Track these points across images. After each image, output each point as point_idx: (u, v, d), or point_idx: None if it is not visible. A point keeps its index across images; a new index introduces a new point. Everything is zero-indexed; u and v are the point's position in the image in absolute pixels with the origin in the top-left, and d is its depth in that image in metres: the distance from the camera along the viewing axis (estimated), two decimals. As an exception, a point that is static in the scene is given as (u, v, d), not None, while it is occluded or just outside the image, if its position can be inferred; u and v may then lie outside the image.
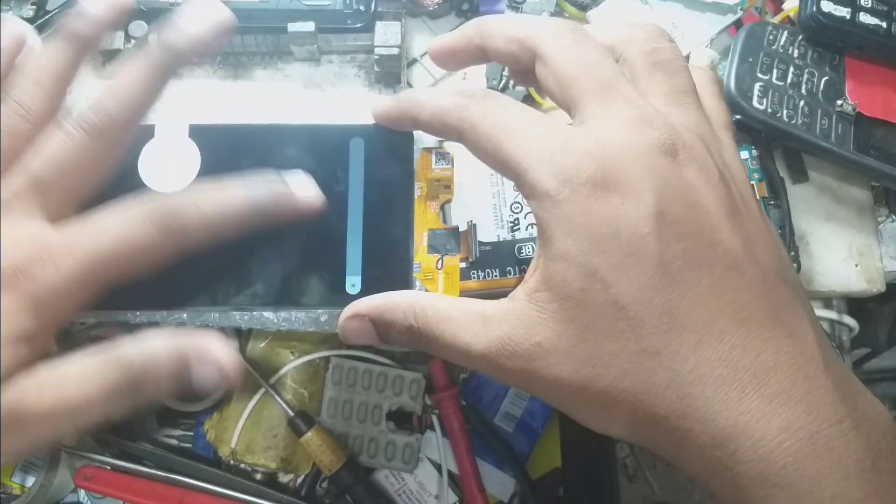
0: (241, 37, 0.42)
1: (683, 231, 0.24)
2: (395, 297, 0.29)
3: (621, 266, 0.24)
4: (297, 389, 0.45)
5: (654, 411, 0.24)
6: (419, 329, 0.28)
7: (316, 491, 0.47)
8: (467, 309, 0.27)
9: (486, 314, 0.27)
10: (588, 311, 0.24)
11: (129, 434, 0.48)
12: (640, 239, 0.24)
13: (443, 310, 0.28)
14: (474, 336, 0.26)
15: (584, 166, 0.24)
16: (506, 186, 0.38)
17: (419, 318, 0.28)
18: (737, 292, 0.24)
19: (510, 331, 0.26)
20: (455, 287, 0.34)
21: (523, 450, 0.47)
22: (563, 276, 0.25)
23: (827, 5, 0.40)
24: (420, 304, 0.28)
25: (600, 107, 0.26)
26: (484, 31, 0.30)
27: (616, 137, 0.25)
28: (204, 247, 0.28)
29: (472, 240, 0.36)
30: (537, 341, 0.25)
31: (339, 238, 0.34)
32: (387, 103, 0.32)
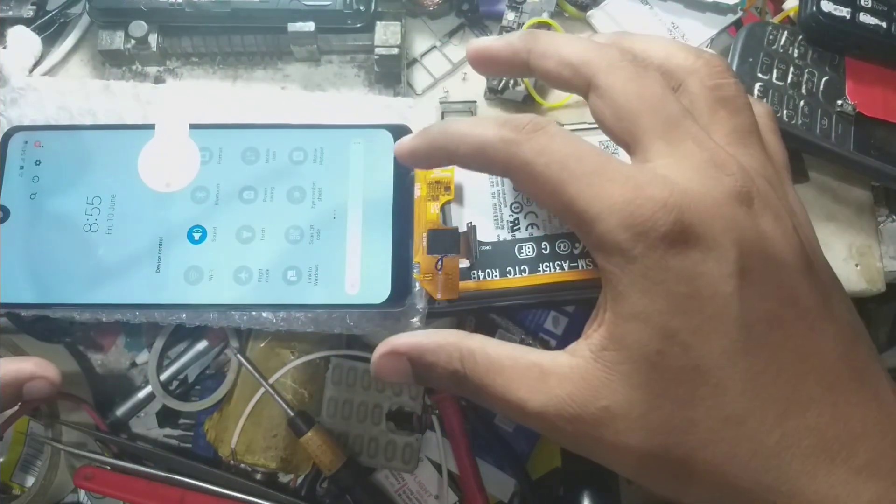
0: (240, 37, 0.42)
1: (766, 290, 0.23)
2: (439, 336, 0.27)
3: (703, 328, 0.22)
4: (297, 389, 0.45)
5: (737, 483, 0.22)
6: (465, 376, 0.25)
7: (316, 491, 0.47)
8: (522, 359, 0.25)
9: (544, 368, 0.24)
10: (665, 376, 0.23)
11: (129, 434, 0.48)
12: (724, 299, 0.22)
13: (494, 357, 0.25)
14: (530, 392, 0.24)
15: (662, 219, 0.22)
16: (506, 186, 0.38)
17: (466, 364, 0.25)
18: (821, 354, 0.23)
19: (573, 391, 0.24)
20: (455, 288, 0.34)
21: (523, 450, 0.47)
22: (637, 336, 0.23)
23: (827, 5, 0.40)
24: (468, 348, 0.26)
25: (667, 146, 0.24)
26: (534, 48, 0.27)
27: (690, 184, 0.23)
28: None
29: (473, 241, 0.36)
30: (605, 405, 0.23)
31: (339, 238, 0.34)
32: (415, 142, 0.28)
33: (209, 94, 0.39)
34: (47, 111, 0.38)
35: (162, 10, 0.41)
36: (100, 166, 0.35)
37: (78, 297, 0.34)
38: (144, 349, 0.49)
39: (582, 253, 0.37)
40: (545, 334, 0.48)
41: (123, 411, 0.48)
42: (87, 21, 0.44)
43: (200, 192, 0.35)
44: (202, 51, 0.43)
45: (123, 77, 0.43)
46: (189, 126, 0.36)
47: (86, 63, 0.44)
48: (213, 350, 0.48)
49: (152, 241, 0.34)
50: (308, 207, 0.35)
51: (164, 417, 0.49)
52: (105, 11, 0.41)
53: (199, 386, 0.49)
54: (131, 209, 0.35)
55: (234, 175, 0.35)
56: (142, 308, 0.35)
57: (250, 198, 0.35)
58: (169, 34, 0.42)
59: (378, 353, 0.27)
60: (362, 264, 0.34)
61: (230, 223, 0.35)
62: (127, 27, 0.41)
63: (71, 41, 0.44)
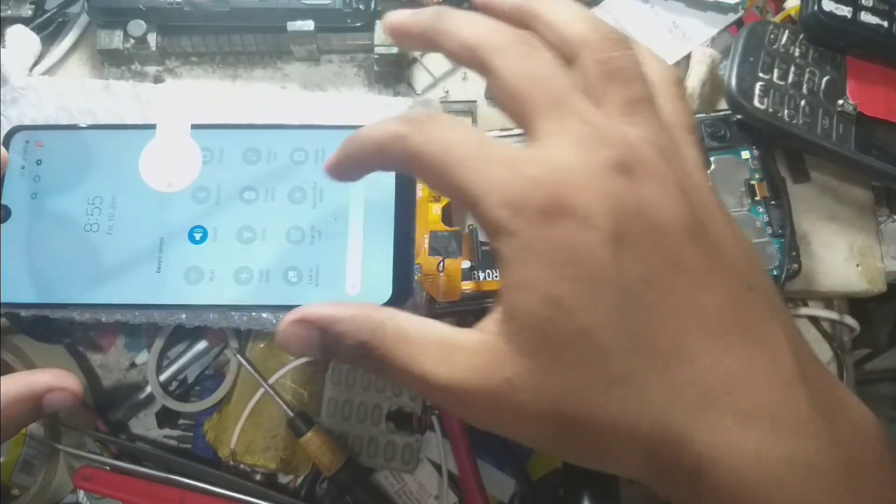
0: (240, 36, 0.42)
1: (643, 253, 0.23)
2: (351, 307, 0.26)
3: (583, 293, 0.23)
4: (297, 390, 0.45)
5: (632, 442, 0.23)
6: (372, 346, 0.25)
7: (315, 491, 0.47)
8: (430, 332, 0.25)
9: (451, 342, 0.25)
10: (554, 341, 0.23)
11: (128, 434, 0.48)
12: (600, 263, 0.23)
13: (404, 328, 0.25)
14: (436, 364, 0.24)
15: (534, 194, 0.23)
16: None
17: (375, 334, 0.25)
18: (703, 309, 0.23)
19: (478, 364, 0.24)
20: (457, 289, 0.34)
21: (524, 450, 0.47)
22: (525, 304, 0.23)
23: (828, 4, 0.40)
24: (379, 318, 0.25)
25: (552, 124, 0.25)
26: (437, 26, 0.28)
27: (566, 159, 0.24)
28: None
29: (475, 242, 0.36)
30: (506, 377, 0.24)
31: (340, 239, 0.34)
32: (334, 158, 0.29)
33: (209, 93, 0.39)
34: (47, 111, 0.38)
35: (161, 9, 0.40)
36: (101, 166, 0.35)
37: (78, 297, 0.34)
38: (144, 350, 0.49)
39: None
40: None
41: (123, 412, 0.48)
42: (85, 20, 0.44)
43: (201, 192, 0.35)
44: (201, 50, 0.43)
45: (122, 76, 0.43)
46: (191, 126, 0.36)
47: (85, 62, 0.44)
48: (213, 350, 0.48)
49: (153, 241, 0.34)
50: (309, 208, 0.35)
51: (163, 418, 0.48)
52: (104, 11, 0.41)
53: (199, 386, 0.48)
54: (132, 209, 0.35)
55: (235, 175, 0.35)
56: (141, 308, 0.35)
57: (251, 198, 0.35)
58: (168, 33, 0.42)
59: (286, 321, 0.27)
60: (363, 265, 0.34)
61: (231, 223, 0.34)
62: (126, 26, 0.41)
63: (70, 40, 0.44)
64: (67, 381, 0.30)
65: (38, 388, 0.30)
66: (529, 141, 0.25)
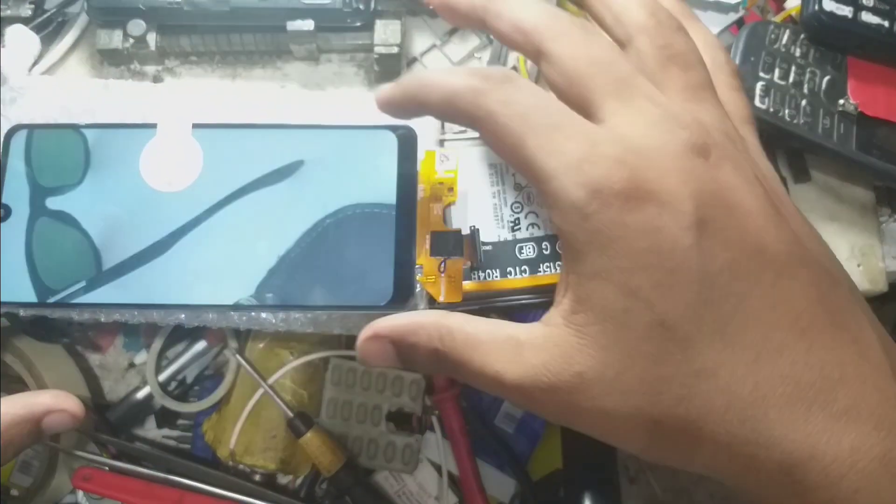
0: (239, 35, 0.42)
1: (727, 239, 0.22)
2: (419, 316, 0.26)
3: (664, 282, 0.22)
4: (297, 390, 0.45)
5: (714, 438, 0.22)
6: (445, 353, 0.25)
7: (315, 492, 0.47)
8: (499, 333, 0.25)
9: (519, 340, 0.24)
10: (633, 334, 0.22)
11: (127, 435, 0.48)
12: (683, 252, 0.22)
13: (471, 333, 0.25)
14: (507, 364, 0.24)
15: (616, 176, 0.22)
16: (506, 186, 0.37)
17: (445, 342, 0.25)
18: (792, 301, 0.22)
19: (548, 359, 0.23)
20: (458, 290, 0.34)
21: (524, 451, 0.47)
22: (601, 295, 0.23)
23: (829, 4, 0.40)
24: (446, 326, 0.25)
25: (620, 104, 0.24)
26: (490, 6, 0.27)
27: (644, 139, 0.23)
28: None
29: (476, 244, 0.36)
30: (578, 371, 0.23)
31: (340, 238, 0.34)
32: (390, 89, 0.28)
33: (208, 93, 0.39)
34: (46, 110, 0.38)
35: (160, 8, 0.40)
36: (101, 165, 0.35)
37: (77, 297, 0.34)
38: (143, 349, 0.49)
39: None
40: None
41: (122, 412, 0.48)
42: (85, 20, 0.44)
43: (201, 191, 0.35)
44: (201, 50, 0.43)
45: (122, 76, 0.43)
46: (191, 125, 0.36)
47: (84, 62, 0.44)
48: (212, 350, 0.48)
49: (152, 240, 0.34)
50: (310, 208, 0.35)
51: (162, 418, 0.48)
52: (103, 10, 0.41)
53: (198, 386, 0.48)
54: (132, 208, 0.35)
55: (236, 175, 0.35)
56: (141, 308, 0.35)
57: (251, 198, 0.35)
58: (167, 33, 0.42)
59: (362, 338, 0.27)
60: (363, 265, 0.34)
61: (231, 223, 0.34)
62: (125, 26, 0.41)
63: (69, 40, 0.43)
64: (66, 403, 0.30)
65: (36, 410, 0.29)
66: (596, 121, 0.24)
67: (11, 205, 0.35)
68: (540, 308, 0.48)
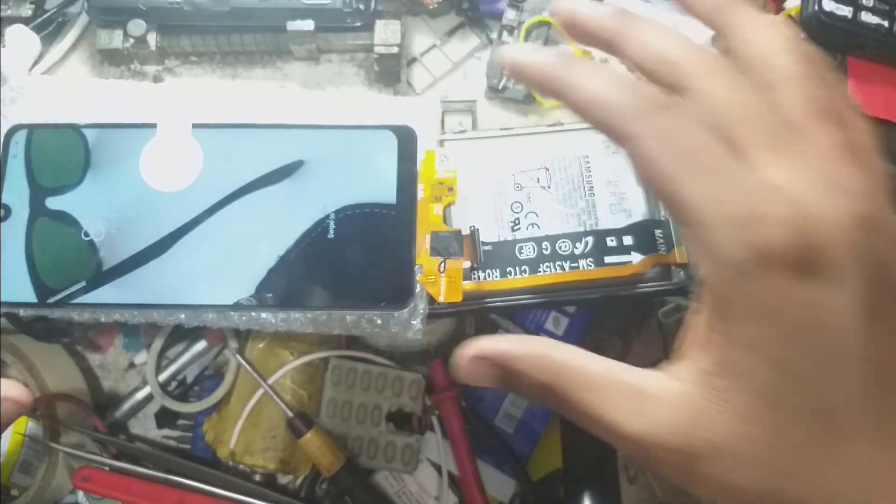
0: (239, 35, 0.42)
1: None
2: (527, 344, 0.25)
3: (826, 366, 0.20)
4: (296, 390, 0.45)
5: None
6: (554, 391, 0.24)
7: (315, 492, 0.47)
8: (618, 377, 0.23)
9: (643, 390, 0.23)
10: (782, 414, 0.20)
11: (127, 435, 0.48)
12: (851, 335, 0.20)
13: (588, 372, 0.23)
14: (626, 415, 0.22)
15: (783, 240, 0.20)
16: (506, 186, 0.37)
17: (557, 378, 0.24)
18: None
19: (677, 420, 0.22)
20: (458, 290, 0.34)
21: (524, 451, 0.47)
22: (750, 366, 0.21)
23: (829, 4, 0.40)
24: (558, 360, 0.24)
25: (776, 157, 0.22)
26: (625, 32, 0.26)
27: (812, 204, 0.21)
28: None
29: (476, 244, 0.36)
30: (709, 438, 0.21)
31: (341, 238, 0.34)
32: (527, 59, 0.26)
33: (208, 92, 0.39)
34: (47, 110, 0.38)
35: (161, 8, 0.40)
36: (101, 165, 0.35)
37: (77, 297, 0.34)
38: (143, 350, 0.49)
39: (583, 254, 0.36)
40: (546, 335, 0.48)
41: (122, 412, 0.48)
42: (85, 20, 0.44)
43: (201, 191, 0.35)
44: (201, 50, 0.43)
45: (122, 76, 0.43)
46: (192, 125, 0.36)
47: (84, 62, 0.44)
48: (212, 350, 0.48)
49: (152, 240, 0.34)
50: (310, 208, 0.35)
51: (162, 418, 0.48)
52: (104, 10, 0.41)
53: (198, 387, 0.48)
54: (132, 208, 0.35)
55: (236, 175, 0.35)
56: (141, 308, 0.35)
57: (251, 198, 0.35)
58: (168, 33, 0.42)
59: (465, 357, 0.26)
60: (364, 266, 0.34)
61: (231, 223, 0.34)
62: (126, 26, 0.41)
63: (69, 40, 0.43)
64: (12, 391, 0.30)
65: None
66: (745, 169, 0.22)
67: (11, 204, 0.35)
68: (540, 309, 0.48)
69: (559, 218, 0.37)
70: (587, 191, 0.37)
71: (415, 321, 0.36)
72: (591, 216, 0.37)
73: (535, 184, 0.38)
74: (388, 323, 0.36)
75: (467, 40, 0.45)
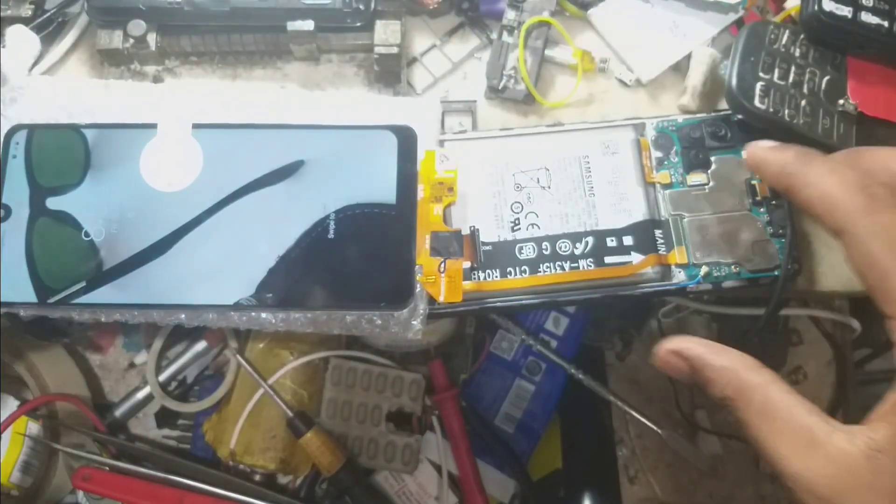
0: (239, 36, 0.42)
1: None
2: (725, 358, 0.27)
3: None
4: (297, 390, 0.45)
5: None
6: (735, 408, 0.26)
7: (315, 492, 0.47)
8: (798, 418, 0.25)
9: (815, 438, 0.24)
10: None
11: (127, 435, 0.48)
12: None
13: (771, 403, 0.25)
14: (793, 453, 0.24)
15: None
16: (506, 186, 0.37)
17: (741, 397, 0.26)
18: None
19: (834, 477, 0.23)
20: (458, 290, 0.34)
21: (524, 451, 0.47)
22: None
23: (829, 4, 0.40)
24: (748, 382, 0.26)
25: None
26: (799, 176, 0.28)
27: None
28: None
29: (476, 244, 0.36)
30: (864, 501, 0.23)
31: (341, 238, 0.34)
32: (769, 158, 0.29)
33: (209, 93, 0.39)
34: (47, 110, 0.38)
35: (161, 9, 0.40)
36: (101, 165, 0.35)
37: (77, 297, 0.34)
38: (143, 350, 0.49)
39: (583, 254, 0.36)
40: (546, 335, 0.48)
41: (122, 412, 0.48)
42: (85, 20, 0.44)
43: (202, 191, 0.35)
44: (201, 50, 0.43)
45: (122, 76, 0.43)
46: (192, 125, 0.36)
47: (84, 62, 0.44)
48: (212, 351, 0.48)
49: (152, 240, 0.34)
50: (311, 208, 0.35)
51: (162, 418, 0.48)
52: (104, 10, 0.41)
53: (198, 387, 0.48)
54: (132, 208, 0.35)
55: (236, 175, 0.35)
56: (141, 308, 0.35)
57: (251, 198, 0.35)
58: (168, 33, 0.42)
59: (666, 348, 0.28)
60: (364, 266, 0.34)
61: (231, 223, 0.34)
62: (126, 26, 0.41)
63: (69, 40, 0.43)
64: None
65: None
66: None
67: (11, 205, 0.35)
68: (539, 309, 0.48)
69: (559, 218, 0.37)
70: (587, 191, 0.37)
71: (415, 321, 0.36)
72: (591, 216, 0.37)
73: (535, 184, 0.38)
74: (388, 323, 0.36)
75: (467, 40, 0.45)
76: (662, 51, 0.44)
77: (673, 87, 0.44)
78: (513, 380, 0.48)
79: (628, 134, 0.38)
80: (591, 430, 0.49)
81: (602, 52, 0.44)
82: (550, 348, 0.47)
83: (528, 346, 0.47)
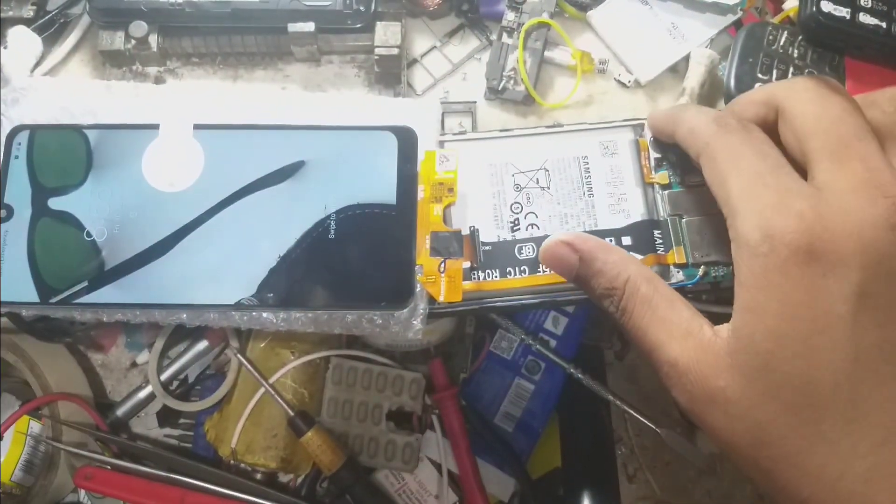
0: (241, 37, 0.42)
1: (887, 318, 0.23)
2: (617, 253, 0.29)
3: (812, 340, 0.23)
4: (297, 389, 0.45)
5: (820, 498, 0.23)
6: (620, 294, 0.27)
7: (316, 491, 0.47)
8: (677, 310, 0.27)
9: (690, 328, 0.26)
10: (773, 377, 0.23)
11: (129, 434, 0.48)
12: (836, 318, 0.23)
13: (658, 293, 0.27)
14: (669, 340, 0.26)
15: (791, 228, 0.23)
16: (505, 186, 0.38)
17: (627, 286, 0.27)
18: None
19: (702, 360, 0.25)
20: (458, 290, 0.34)
21: (523, 449, 0.47)
22: (751, 330, 0.24)
23: (827, 5, 0.40)
24: (637, 275, 0.28)
25: (832, 165, 0.25)
26: (677, 125, 0.31)
27: (838, 203, 0.24)
28: None
29: (476, 244, 0.36)
30: (721, 385, 0.24)
31: (342, 237, 0.34)
32: (658, 115, 0.34)
33: (210, 94, 0.39)
34: (48, 111, 0.38)
35: (162, 10, 0.41)
36: (103, 166, 0.35)
37: (79, 297, 0.34)
38: (145, 349, 0.49)
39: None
40: (545, 334, 0.48)
41: (124, 411, 0.48)
42: (87, 21, 0.44)
43: (203, 192, 0.35)
44: (202, 51, 0.43)
45: (124, 77, 0.43)
46: (193, 126, 0.36)
47: (86, 63, 0.44)
48: (214, 350, 0.48)
49: (154, 240, 0.34)
50: (311, 208, 0.35)
51: (164, 417, 0.49)
52: (105, 12, 0.41)
53: (200, 386, 0.49)
54: (133, 209, 0.35)
55: (237, 175, 0.35)
56: (143, 308, 0.35)
57: (253, 198, 0.35)
58: (169, 34, 0.42)
59: (555, 239, 0.30)
60: (364, 266, 0.34)
61: (232, 223, 0.35)
62: (127, 27, 0.41)
63: (71, 41, 0.44)
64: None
65: None
66: (809, 181, 0.26)
67: (13, 205, 0.35)
68: (539, 308, 0.48)
69: (558, 218, 0.37)
70: (586, 191, 0.38)
71: (415, 321, 0.36)
72: (590, 217, 0.37)
73: (534, 184, 0.38)
74: (388, 322, 0.36)
75: (467, 42, 0.45)
76: (661, 52, 0.44)
77: (671, 89, 0.44)
78: (512, 379, 0.48)
79: (627, 135, 0.38)
80: (590, 428, 0.49)
81: (601, 53, 0.44)
82: (550, 348, 0.47)
83: (527, 345, 0.47)
